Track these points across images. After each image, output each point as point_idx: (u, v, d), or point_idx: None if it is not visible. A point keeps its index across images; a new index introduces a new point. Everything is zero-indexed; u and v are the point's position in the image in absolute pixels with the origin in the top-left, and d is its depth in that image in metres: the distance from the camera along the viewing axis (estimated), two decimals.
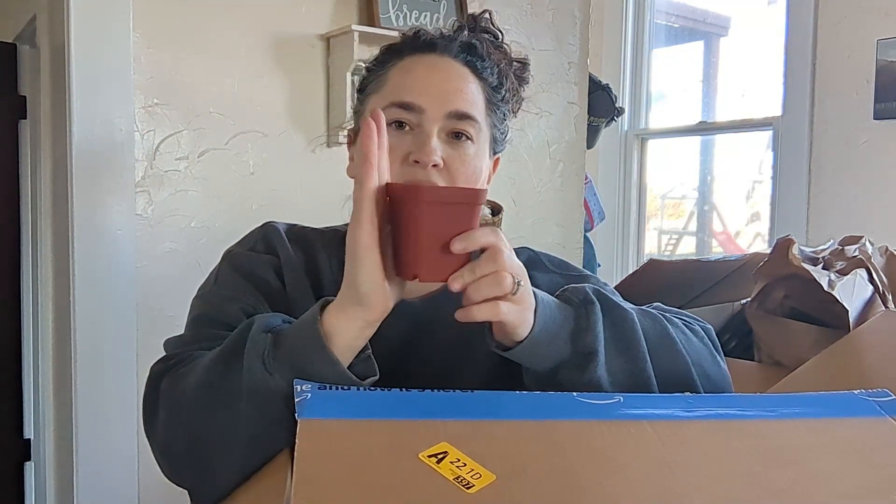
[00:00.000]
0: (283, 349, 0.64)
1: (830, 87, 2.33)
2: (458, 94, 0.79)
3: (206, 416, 0.66)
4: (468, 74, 0.82)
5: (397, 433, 0.54)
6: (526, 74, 0.90)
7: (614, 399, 0.62)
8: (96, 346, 1.72)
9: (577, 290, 0.74)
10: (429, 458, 0.51)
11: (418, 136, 0.77)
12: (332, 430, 0.54)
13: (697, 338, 0.79)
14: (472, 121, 0.79)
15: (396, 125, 0.78)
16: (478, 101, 0.81)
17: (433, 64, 0.81)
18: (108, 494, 1.74)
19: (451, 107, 0.78)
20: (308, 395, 0.58)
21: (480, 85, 0.82)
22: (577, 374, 0.69)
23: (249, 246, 0.86)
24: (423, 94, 0.78)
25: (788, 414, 0.62)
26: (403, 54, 0.82)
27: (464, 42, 0.83)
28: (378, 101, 0.81)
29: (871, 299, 1.07)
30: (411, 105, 0.78)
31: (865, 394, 0.64)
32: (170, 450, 0.71)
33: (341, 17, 2.01)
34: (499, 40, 0.88)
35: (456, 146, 0.79)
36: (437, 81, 0.80)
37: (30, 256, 2.35)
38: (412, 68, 0.81)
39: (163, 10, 1.77)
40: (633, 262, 3.16)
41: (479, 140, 0.81)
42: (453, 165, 0.78)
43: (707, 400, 0.65)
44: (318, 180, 1.97)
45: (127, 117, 1.73)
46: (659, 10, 3.17)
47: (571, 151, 2.47)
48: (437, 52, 0.81)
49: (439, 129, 0.78)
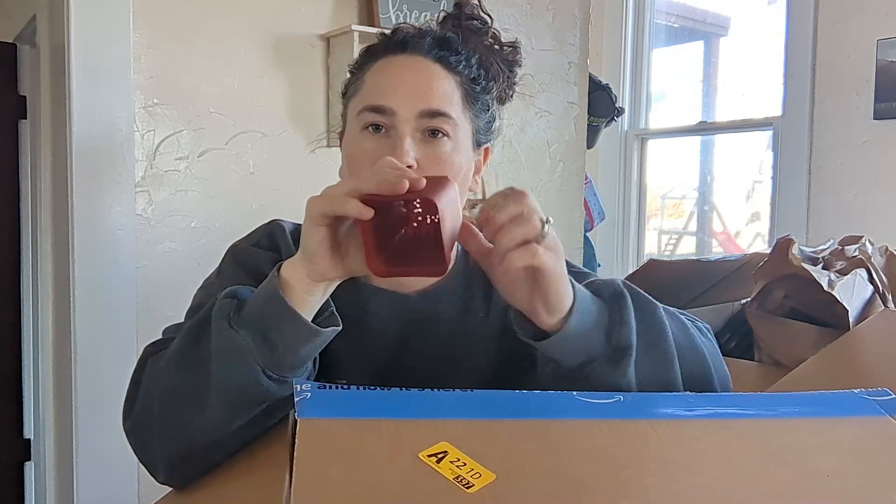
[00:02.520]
0: (245, 308, 0.67)
1: (830, 87, 2.33)
2: (428, 92, 0.79)
3: (179, 378, 0.69)
4: (439, 70, 0.81)
5: (397, 433, 0.54)
6: (517, 57, 0.89)
7: (614, 398, 0.62)
8: (96, 346, 1.72)
9: (607, 283, 0.73)
10: (428, 458, 0.51)
11: (392, 139, 0.78)
12: (331, 429, 0.54)
13: (706, 337, 0.79)
14: (445, 117, 0.79)
15: (373, 128, 0.79)
16: (451, 97, 0.81)
17: (403, 64, 0.81)
18: (108, 494, 1.74)
19: (422, 106, 0.78)
20: (307, 395, 0.58)
21: (455, 79, 0.82)
22: (609, 370, 0.67)
23: (253, 241, 0.87)
24: (394, 96, 0.78)
25: (789, 413, 0.62)
26: (378, 56, 0.83)
27: (436, 37, 0.82)
28: (355, 104, 0.82)
29: (870, 299, 1.07)
30: (382, 108, 0.78)
31: (866, 393, 0.64)
32: (143, 419, 0.72)
33: (341, 17, 2.01)
34: (486, 26, 0.87)
35: (431, 144, 0.79)
36: (406, 81, 0.80)
37: (30, 256, 2.35)
38: (385, 69, 0.81)
39: (163, 10, 1.77)
40: (633, 262, 3.16)
41: (456, 135, 0.80)
42: (428, 165, 0.78)
43: (707, 399, 0.65)
44: (318, 180, 1.95)
45: (127, 117, 1.73)
46: (659, 10, 3.17)
47: (571, 151, 2.47)
48: (407, 52, 0.82)
49: (413, 130, 0.78)
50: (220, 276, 0.85)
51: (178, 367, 0.70)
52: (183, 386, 0.69)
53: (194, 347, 0.69)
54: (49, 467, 2.13)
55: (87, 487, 1.72)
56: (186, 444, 0.70)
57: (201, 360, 0.68)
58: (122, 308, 1.75)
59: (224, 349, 0.66)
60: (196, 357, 0.68)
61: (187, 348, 0.70)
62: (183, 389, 0.69)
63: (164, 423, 0.70)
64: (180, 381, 0.69)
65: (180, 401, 0.69)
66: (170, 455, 0.71)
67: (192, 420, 0.68)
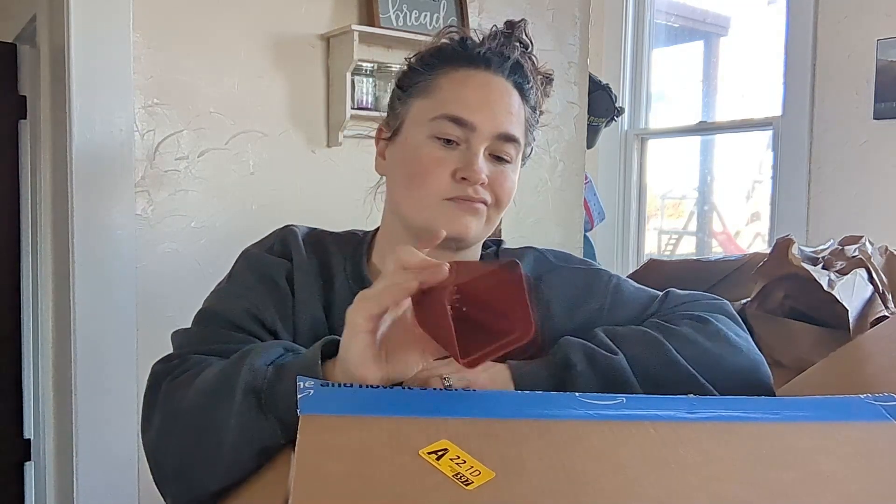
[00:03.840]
0: (279, 389, 0.64)
1: (830, 87, 2.33)
2: (508, 116, 0.81)
3: (196, 439, 0.68)
4: (516, 95, 0.83)
5: (398, 430, 0.54)
6: (548, 89, 0.90)
7: (617, 400, 0.62)
8: (96, 347, 1.72)
9: (561, 347, 0.74)
10: (429, 455, 0.51)
11: (466, 154, 0.79)
12: (333, 425, 0.54)
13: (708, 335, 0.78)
14: (516, 143, 0.82)
15: (445, 141, 0.79)
16: (521, 123, 0.83)
17: (487, 82, 0.82)
18: (108, 494, 1.74)
19: (502, 128, 0.80)
20: (311, 392, 0.58)
21: (524, 106, 0.84)
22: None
23: (266, 247, 0.87)
24: (477, 113, 0.79)
25: (792, 417, 0.61)
26: (456, 64, 0.82)
27: (514, 62, 0.83)
28: (426, 107, 0.81)
29: (870, 299, 1.07)
30: (465, 121, 0.79)
31: (871, 398, 0.64)
32: (160, 458, 0.72)
33: (341, 17, 2.01)
34: (528, 51, 0.87)
35: (497, 164, 0.81)
36: (491, 100, 0.81)
37: (30, 256, 2.35)
38: (466, 82, 0.81)
39: (163, 10, 1.77)
40: (633, 262, 3.16)
41: (516, 160, 0.83)
42: (496, 183, 0.80)
43: (710, 402, 0.64)
44: (318, 180, 1.97)
45: (127, 117, 1.73)
46: (659, 10, 3.16)
47: (571, 151, 2.47)
48: (491, 70, 0.82)
49: (485, 148, 0.80)
50: (230, 281, 0.85)
51: (195, 425, 0.68)
52: (199, 450, 0.68)
53: (215, 407, 0.67)
54: (49, 467, 2.12)
55: (87, 487, 1.72)
56: (193, 497, 0.70)
57: (221, 427, 0.66)
58: (121, 308, 1.75)
59: (248, 431, 0.64)
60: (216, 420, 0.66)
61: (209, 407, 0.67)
62: (198, 453, 0.68)
63: (178, 477, 0.70)
64: (197, 442, 0.68)
65: (195, 463, 0.68)
66: (175, 495, 0.72)
67: (204, 480, 0.68)
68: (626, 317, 0.85)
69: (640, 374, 0.73)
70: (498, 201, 0.81)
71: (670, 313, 0.84)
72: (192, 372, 0.72)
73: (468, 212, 0.79)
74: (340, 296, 0.84)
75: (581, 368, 0.72)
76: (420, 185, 0.80)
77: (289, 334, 0.81)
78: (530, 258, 0.88)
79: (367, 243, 0.89)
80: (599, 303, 0.85)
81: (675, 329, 0.78)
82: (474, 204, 0.79)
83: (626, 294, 0.87)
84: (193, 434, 0.68)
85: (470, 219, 0.80)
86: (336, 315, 0.83)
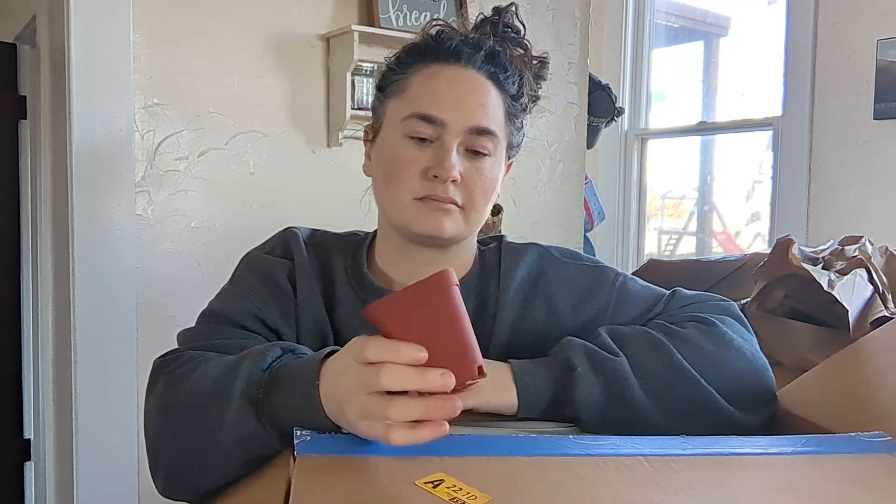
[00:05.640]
0: (276, 397, 0.64)
1: (830, 87, 2.33)
2: (480, 109, 0.80)
3: (189, 439, 0.68)
4: (490, 87, 0.81)
5: (395, 465, 0.56)
6: (544, 72, 0.89)
7: (609, 441, 0.63)
8: (96, 346, 1.72)
9: (563, 348, 0.75)
10: (425, 484, 0.53)
11: (438, 151, 0.78)
12: (329, 464, 0.56)
13: (713, 339, 0.78)
14: (492, 136, 0.80)
15: (418, 140, 0.79)
16: (498, 115, 0.81)
17: (457, 76, 0.80)
18: (108, 494, 1.74)
19: (473, 122, 0.79)
20: (307, 439, 0.60)
21: (501, 96, 0.82)
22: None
23: (267, 250, 0.88)
24: (446, 109, 0.78)
25: (787, 452, 0.63)
26: (426, 60, 0.82)
27: (488, 52, 0.82)
28: (399, 107, 0.81)
29: (870, 299, 1.07)
30: (433, 118, 0.78)
31: (864, 436, 0.66)
32: (157, 451, 0.73)
33: (341, 17, 2.01)
34: (521, 36, 0.86)
35: (473, 160, 0.80)
36: (460, 95, 0.79)
37: (30, 256, 2.35)
38: (435, 78, 0.80)
39: (163, 10, 1.78)
40: (633, 262, 3.16)
41: (496, 153, 0.82)
42: (470, 180, 0.79)
43: (702, 441, 0.65)
44: (318, 180, 1.97)
45: (127, 117, 1.73)
46: (659, 10, 3.16)
47: (571, 151, 2.47)
48: (461, 63, 0.81)
49: (458, 144, 0.79)
50: (232, 282, 0.86)
51: (191, 424, 0.68)
52: (191, 450, 0.68)
53: (211, 410, 0.66)
54: (49, 467, 2.12)
55: (87, 487, 1.72)
56: (190, 492, 0.71)
57: (216, 430, 0.66)
58: (121, 308, 1.75)
59: (245, 439, 0.65)
60: (211, 423, 0.66)
61: (204, 408, 0.67)
62: (192, 453, 0.68)
63: (174, 473, 0.71)
64: (191, 442, 0.68)
65: (189, 463, 0.69)
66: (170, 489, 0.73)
67: (196, 479, 0.69)
68: (630, 315, 0.85)
69: (641, 377, 0.73)
70: (472, 200, 0.80)
71: (676, 314, 0.84)
72: (188, 367, 0.72)
73: (438, 211, 0.79)
74: (342, 296, 0.84)
75: (582, 370, 0.72)
76: (395, 185, 0.79)
77: (292, 334, 0.82)
78: (533, 254, 0.88)
79: (367, 244, 0.89)
80: (604, 300, 0.85)
81: (679, 331, 0.78)
82: (444, 204, 0.78)
83: (632, 293, 0.87)
84: (188, 433, 0.68)
85: (442, 218, 0.79)
86: (338, 315, 0.84)
